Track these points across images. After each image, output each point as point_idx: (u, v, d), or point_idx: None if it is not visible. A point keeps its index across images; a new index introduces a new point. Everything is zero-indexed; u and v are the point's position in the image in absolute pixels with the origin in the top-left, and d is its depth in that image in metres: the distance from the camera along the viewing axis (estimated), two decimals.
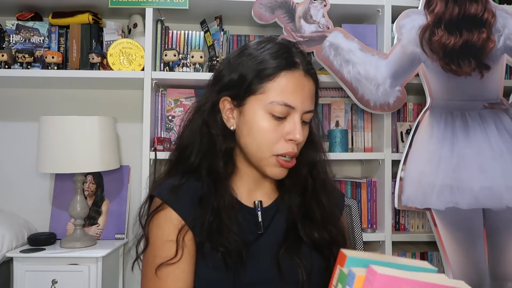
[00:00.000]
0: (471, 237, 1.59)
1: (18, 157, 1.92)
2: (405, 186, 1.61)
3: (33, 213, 1.88)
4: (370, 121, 1.89)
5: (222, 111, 0.85)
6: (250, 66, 0.82)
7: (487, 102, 1.65)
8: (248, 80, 0.81)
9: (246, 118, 0.82)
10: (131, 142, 1.94)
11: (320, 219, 0.87)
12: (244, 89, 0.81)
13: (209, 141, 0.85)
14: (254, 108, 0.81)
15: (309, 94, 0.82)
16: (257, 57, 0.82)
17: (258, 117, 0.80)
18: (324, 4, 1.64)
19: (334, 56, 1.61)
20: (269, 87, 0.80)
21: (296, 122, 0.80)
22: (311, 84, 0.83)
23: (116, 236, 1.83)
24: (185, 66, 1.76)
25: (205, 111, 0.86)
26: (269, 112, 0.80)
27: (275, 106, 0.79)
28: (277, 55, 0.82)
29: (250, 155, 0.83)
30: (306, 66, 0.82)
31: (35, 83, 1.86)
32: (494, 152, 1.61)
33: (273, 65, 0.80)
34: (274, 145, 0.80)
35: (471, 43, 1.62)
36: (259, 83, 0.80)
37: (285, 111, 0.79)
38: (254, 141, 0.81)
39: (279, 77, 0.80)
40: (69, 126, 1.60)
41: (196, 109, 0.89)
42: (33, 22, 1.81)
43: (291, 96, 0.79)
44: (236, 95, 0.83)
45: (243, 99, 0.82)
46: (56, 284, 1.57)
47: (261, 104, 0.80)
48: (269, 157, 0.81)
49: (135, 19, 1.85)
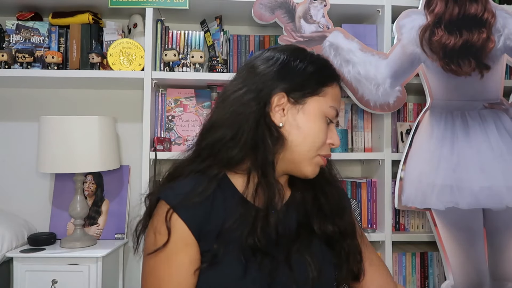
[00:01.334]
0: (471, 237, 1.59)
1: (18, 157, 1.92)
2: (405, 186, 1.61)
3: (33, 213, 1.88)
4: (370, 121, 1.89)
5: (272, 104, 0.81)
6: (316, 68, 0.86)
7: (487, 102, 1.65)
8: (313, 78, 0.84)
9: (306, 116, 0.83)
10: (131, 142, 1.94)
11: (329, 213, 0.89)
12: (309, 89, 0.83)
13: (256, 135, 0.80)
14: (314, 108, 0.84)
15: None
16: (319, 60, 0.88)
17: (317, 117, 0.84)
18: (324, 4, 1.64)
19: (334, 56, 1.61)
20: (328, 91, 0.85)
21: (334, 128, 0.88)
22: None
23: (116, 236, 1.83)
24: (185, 66, 1.76)
25: (262, 98, 0.81)
26: (326, 115, 0.85)
27: (332, 111, 0.85)
28: (329, 65, 0.89)
29: (296, 152, 0.83)
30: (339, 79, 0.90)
31: (35, 83, 1.86)
32: (494, 152, 1.61)
33: (331, 72, 0.88)
34: (322, 146, 0.85)
35: (471, 43, 1.62)
36: (322, 86, 0.84)
37: (335, 117, 0.87)
38: (306, 141, 0.83)
39: (334, 85, 0.87)
40: (69, 126, 1.60)
41: (247, 91, 0.82)
42: (33, 22, 1.81)
43: (338, 104, 0.88)
44: (298, 91, 0.82)
45: (304, 97, 0.83)
46: (56, 284, 1.57)
47: (322, 105, 0.84)
48: (314, 156, 0.84)
49: (135, 19, 1.85)
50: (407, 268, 1.82)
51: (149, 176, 1.65)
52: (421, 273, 1.83)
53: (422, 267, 1.83)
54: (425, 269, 1.83)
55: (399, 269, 1.82)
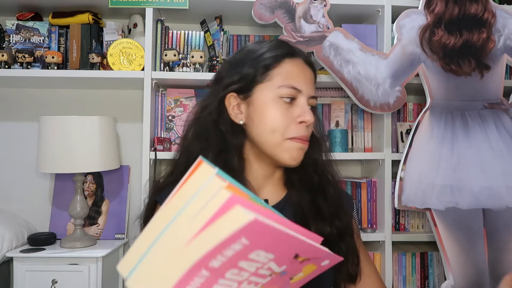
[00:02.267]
0: (471, 237, 1.59)
1: (18, 157, 1.92)
2: (405, 186, 1.61)
3: (33, 213, 1.88)
4: (370, 121, 1.89)
5: (228, 108, 0.86)
6: (253, 59, 0.85)
7: (487, 102, 1.65)
8: (253, 71, 0.84)
9: (256, 106, 0.83)
10: (131, 142, 1.94)
11: (328, 215, 0.88)
12: (250, 81, 0.84)
13: (221, 140, 0.85)
14: (263, 95, 0.83)
15: (311, 80, 0.86)
16: (258, 50, 0.86)
17: (268, 103, 0.82)
18: (324, 4, 1.64)
19: (334, 56, 1.61)
20: (274, 73, 0.83)
21: (304, 104, 0.83)
22: (311, 72, 0.87)
23: (116, 236, 1.83)
24: (185, 66, 1.76)
25: (212, 110, 0.87)
26: (279, 97, 0.82)
27: (283, 90, 0.82)
28: (277, 46, 0.86)
29: (264, 144, 0.83)
30: (305, 57, 0.87)
31: (35, 83, 1.86)
32: (494, 152, 1.61)
33: (276, 54, 0.84)
34: (286, 128, 0.82)
35: (471, 43, 1.62)
36: (264, 72, 0.83)
37: (293, 93, 0.82)
38: (267, 127, 0.82)
39: (283, 63, 0.84)
40: (69, 126, 1.60)
41: (201, 110, 0.90)
42: (33, 22, 1.81)
43: (296, 79, 0.83)
44: (241, 88, 0.84)
45: (250, 90, 0.84)
46: (56, 284, 1.57)
47: (269, 90, 0.83)
48: (282, 141, 0.82)
49: (135, 19, 1.85)
50: (407, 268, 1.82)
51: (149, 176, 1.65)
52: (421, 273, 1.83)
53: (422, 267, 1.83)
54: (425, 269, 1.83)
55: (399, 269, 1.82)
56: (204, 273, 0.47)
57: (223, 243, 0.44)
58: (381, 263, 1.78)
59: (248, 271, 0.50)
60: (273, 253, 0.50)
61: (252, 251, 0.47)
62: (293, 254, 0.52)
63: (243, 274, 0.50)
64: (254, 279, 0.52)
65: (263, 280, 0.54)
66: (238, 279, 0.51)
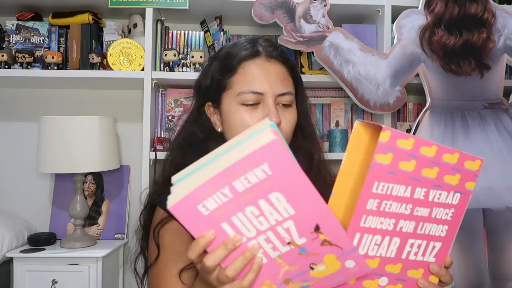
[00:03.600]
0: (471, 237, 1.59)
1: (18, 157, 1.92)
2: None
3: (33, 213, 1.88)
4: (370, 121, 1.88)
5: (210, 116, 0.88)
6: (216, 67, 0.86)
7: (487, 102, 1.65)
8: (216, 80, 0.84)
9: (224, 115, 0.84)
10: (131, 142, 1.94)
11: None
12: (215, 90, 0.85)
13: (202, 148, 0.86)
14: (227, 104, 0.84)
15: (276, 77, 0.82)
16: (221, 56, 0.86)
17: (233, 111, 0.82)
18: (324, 4, 1.64)
19: (334, 56, 1.61)
20: (234, 80, 0.83)
21: (270, 106, 0.80)
22: (278, 67, 0.84)
23: (116, 236, 1.83)
24: (185, 66, 1.76)
25: (192, 120, 0.90)
26: (241, 103, 0.82)
27: (243, 96, 0.81)
28: (239, 49, 0.85)
29: None
30: (267, 50, 0.84)
31: (35, 83, 1.86)
32: (494, 152, 1.61)
33: (234, 59, 0.84)
34: None
35: (471, 43, 1.62)
36: (225, 80, 0.84)
37: (255, 98, 0.81)
38: (235, 134, 0.82)
39: (241, 68, 0.82)
40: (69, 126, 1.60)
41: (186, 119, 0.93)
42: (33, 22, 1.81)
43: (256, 82, 0.81)
44: (213, 98, 0.86)
45: (218, 99, 0.85)
46: (56, 284, 1.57)
47: (232, 98, 0.83)
48: None
49: (135, 19, 1.85)
50: None
51: (149, 176, 1.65)
52: None
53: None
54: None
55: None
56: (227, 191, 0.50)
57: (247, 158, 0.48)
58: None
59: (268, 221, 0.53)
60: (293, 207, 0.52)
61: (272, 190, 0.50)
62: (313, 224, 0.53)
63: (262, 221, 0.53)
64: (273, 239, 0.54)
65: (282, 247, 0.55)
66: (258, 227, 0.53)
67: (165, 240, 0.81)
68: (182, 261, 0.78)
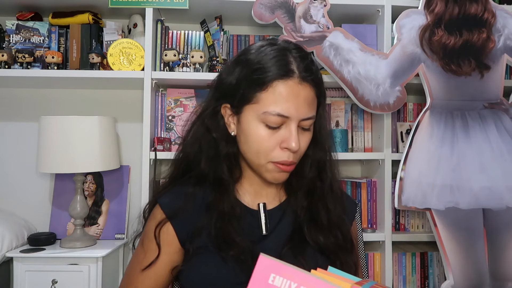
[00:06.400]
0: (471, 237, 1.59)
1: (18, 157, 1.92)
2: (405, 186, 1.61)
3: (33, 213, 1.88)
4: (370, 121, 1.89)
5: (224, 116, 0.86)
6: (245, 74, 0.81)
7: (487, 102, 1.65)
8: (242, 89, 0.81)
9: (242, 126, 0.82)
10: (131, 142, 1.94)
11: (327, 223, 0.86)
12: (239, 98, 0.82)
13: (213, 147, 0.87)
14: (249, 117, 0.81)
15: (305, 102, 0.80)
16: (252, 65, 0.81)
17: (253, 126, 0.80)
18: (324, 4, 1.64)
19: (334, 56, 1.61)
20: (262, 97, 0.79)
21: (292, 130, 0.79)
22: (307, 91, 0.80)
23: (116, 236, 1.83)
24: (185, 66, 1.76)
25: (206, 116, 0.88)
26: (263, 122, 0.79)
27: (268, 116, 0.78)
28: (272, 62, 0.80)
29: (249, 161, 0.85)
30: (302, 73, 0.80)
31: (35, 83, 1.86)
32: (494, 152, 1.61)
33: (267, 74, 0.79)
34: (270, 152, 0.80)
35: (471, 43, 1.62)
36: (253, 92, 0.80)
37: (279, 121, 0.79)
38: (251, 149, 0.82)
39: (272, 87, 0.78)
40: (69, 126, 1.60)
41: (198, 114, 0.91)
42: (33, 22, 1.81)
43: (284, 105, 0.78)
44: (233, 103, 0.84)
45: (240, 107, 0.82)
46: (56, 284, 1.57)
47: (255, 113, 0.80)
48: (266, 163, 0.81)
49: (135, 19, 1.85)
50: (407, 268, 1.82)
51: (149, 176, 1.65)
52: (421, 273, 1.83)
53: (422, 267, 1.83)
54: (425, 269, 1.83)
55: (399, 269, 1.82)
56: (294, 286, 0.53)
57: None
58: (381, 263, 1.78)
59: None
60: None
61: None
62: None
63: None
64: None
65: None
66: None
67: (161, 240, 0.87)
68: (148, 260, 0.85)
